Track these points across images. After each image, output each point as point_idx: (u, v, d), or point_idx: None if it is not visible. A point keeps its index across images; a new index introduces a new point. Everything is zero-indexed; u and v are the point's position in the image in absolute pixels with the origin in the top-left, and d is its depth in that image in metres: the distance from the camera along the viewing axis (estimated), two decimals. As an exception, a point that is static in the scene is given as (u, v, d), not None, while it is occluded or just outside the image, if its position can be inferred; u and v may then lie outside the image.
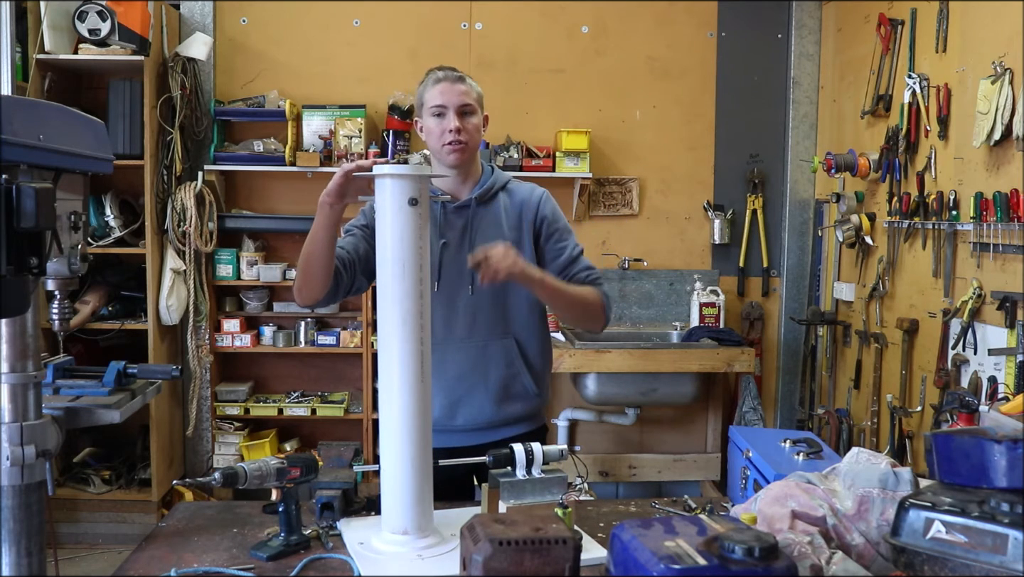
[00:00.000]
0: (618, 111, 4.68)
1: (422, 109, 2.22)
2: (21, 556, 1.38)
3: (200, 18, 4.45)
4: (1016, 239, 2.92)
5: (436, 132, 2.17)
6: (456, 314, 2.21)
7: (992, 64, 3.02)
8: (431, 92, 2.19)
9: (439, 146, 2.18)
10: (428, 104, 2.19)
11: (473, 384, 2.22)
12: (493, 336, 2.23)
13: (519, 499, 1.85)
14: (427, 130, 2.21)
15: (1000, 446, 1.44)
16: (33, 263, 1.23)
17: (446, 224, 2.21)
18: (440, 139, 2.17)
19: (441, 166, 2.23)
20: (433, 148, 2.21)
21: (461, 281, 2.20)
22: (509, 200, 2.27)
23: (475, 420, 2.24)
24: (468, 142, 2.18)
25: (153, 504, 4.13)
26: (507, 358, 2.24)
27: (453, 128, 2.14)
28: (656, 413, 4.41)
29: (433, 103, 2.18)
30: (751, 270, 4.80)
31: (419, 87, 2.25)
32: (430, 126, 2.20)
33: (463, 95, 2.18)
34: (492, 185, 2.25)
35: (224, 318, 4.42)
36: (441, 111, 2.17)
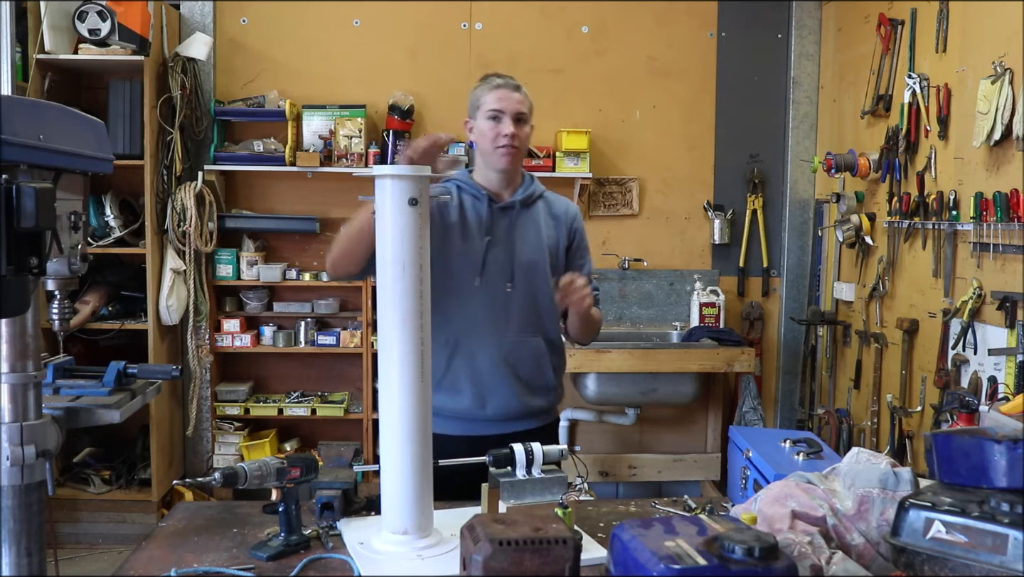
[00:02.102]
0: (618, 111, 4.68)
1: (476, 111, 2.32)
2: (21, 556, 1.38)
3: (200, 18, 4.45)
4: (1016, 239, 2.92)
5: (490, 135, 2.28)
6: (493, 309, 2.30)
7: (992, 64, 3.02)
8: (489, 96, 2.30)
9: (492, 148, 2.28)
10: (484, 107, 2.30)
11: (504, 376, 2.29)
12: (524, 332, 2.32)
13: (519, 499, 1.85)
14: (479, 132, 2.32)
15: (1000, 446, 1.44)
16: (33, 263, 1.23)
17: (491, 223, 2.31)
18: (494, 142, 2.27)
19: (487, 168, 2.33)
20: (484, 149, 2.32)
21: (500, 278, 2.30)
22: (547, 208, 2.40)
23: (503, 411, 2.31)
24: (519, 147, 2.29)
25: (153, 504, 4.13)
26: (535, 354, 2.34)
27: (509, 133, 2.25)
28: (656, 413, 4.41)
29: (490, 107, 2.28)
30: (751, 270, 4.80)
31: (474, 90, 2.35)
32: (483, 128, 2.30)
33: (519, 103, 2.29)
34: (534, 192, 2.38)
35: (224, 318, 4.43)
36: (497, 115, 2.28)
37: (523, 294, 2.31)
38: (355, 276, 2.30)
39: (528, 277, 2.31)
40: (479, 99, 2.32)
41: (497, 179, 2.34)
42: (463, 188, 2.35)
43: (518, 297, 2.30)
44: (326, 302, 4.47)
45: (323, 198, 4.52)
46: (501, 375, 2.29)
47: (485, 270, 2.28)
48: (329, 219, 4.54)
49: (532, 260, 2.32)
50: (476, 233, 2.29)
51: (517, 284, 2.28)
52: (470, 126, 2.36)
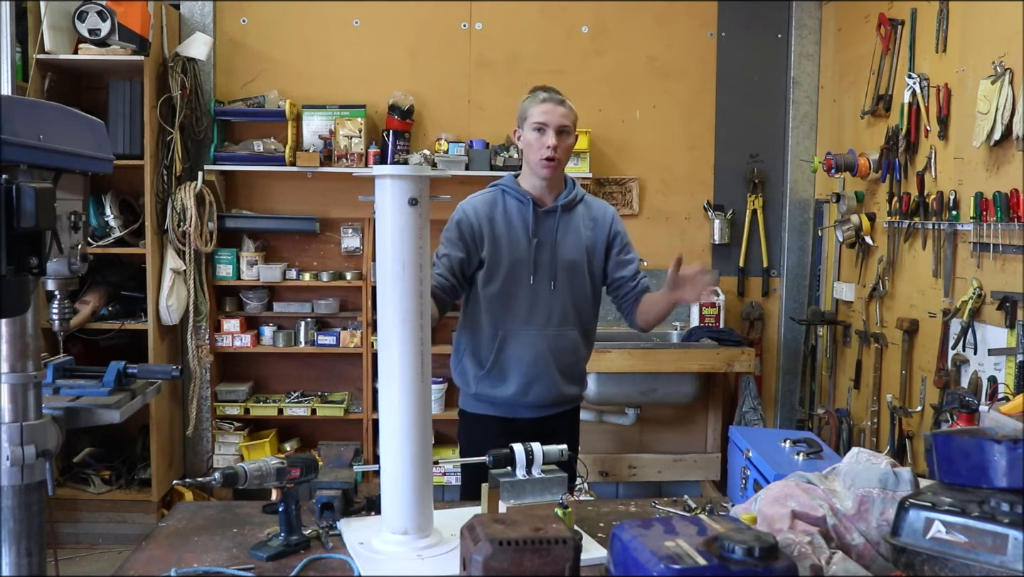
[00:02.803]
0: (618, 111, 4.68)
1: (523, 123, 2.46)
2: (21, 556, 1.38)
3: (200, 18, 4.45)
4: (1016, 239, 2.92)
5: (535, 146, 2.42)
6: (539, 305, 2.49)
7: (992, 64, 3.01)
8: (535, 109, 2.43)
9: (536, 159, 2.43)
10: (531, 119, 2.44)
11: (545, 367, 2.49)
12: (565, 326, 2.52)
13: (519, 499, 1.85)
14: (526, 142, 2.46)
15: (1000, 446, 1.44)
16: (33, 263, 1.23)
17: (536, 226, 2.47)
18: (538, 153, 2.42)
19: (532, 175, 2.48)
20: (529, 159, 2.46)
21: (546, 277, 2.48)
22: (587, 212, 2.56)
23: (544, 398, 2.52)
24: (561, 159, 2.43)
25: (153, 504, 4.13)
26: (573, 346, 2.55)
27: (551, 145, 2.39)
28: (656, 413, 4.41)
29: (535, 120, 2.42)
30: (751, 270, 4.80)
31: (523, 102, 2.49)
32: (529, 140, 2.44)
33: (563, 117, 2.42)
34: (575, 197, 2.53)
35: (224, 318, 4.42)
36: (542, 128, 2.42)
37: (564, 291, 2.50)
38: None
39: (569, 276, 2.50)
40: (526, 111, 2.45)
41: (541, 185, 2.48)
42: (508, 192, 2.49)
43: (560, 294, 2.49)
44: (326, 302, 4.47)
45: (323, 198, 4.52)
46: (543, 366, 2.49)
47: (535, 270, 2.46)
48: (329, 219, 4.54)
49: (572, 260, 2.50)
50: (523, 235, 2.46)
51: (559, 282, 2.48)
52: (518, 135, 2.50)
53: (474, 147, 4.41)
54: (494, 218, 2.46)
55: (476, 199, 2.50)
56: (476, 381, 2.52)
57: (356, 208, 4.43)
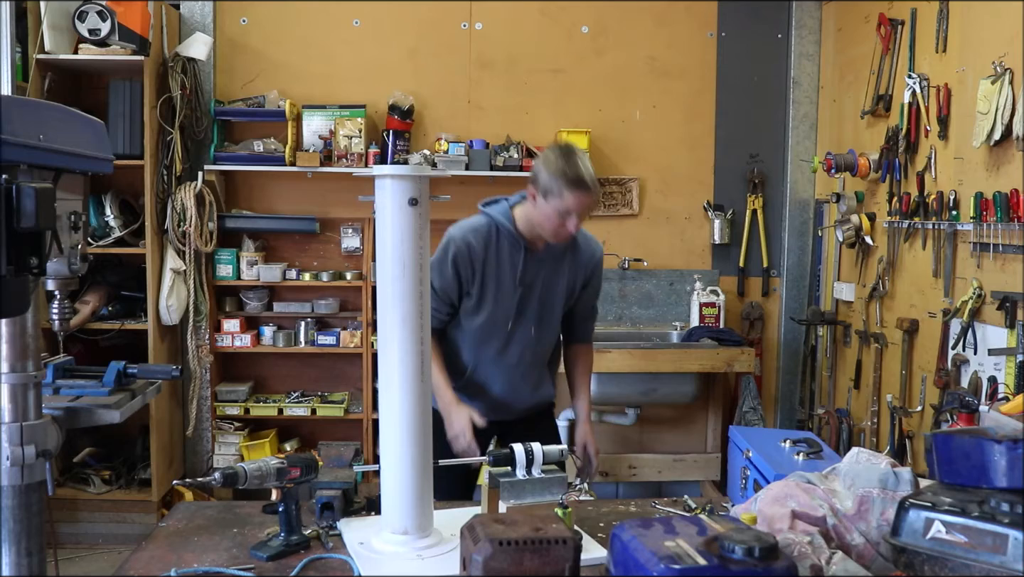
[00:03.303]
0: (618, 111, 4.68)
1: (548, 195, 2.28)
2: (21, 556, 1.38)
3: (200, 18, 4.45)
4: (1016, 239, 2.92)
5: (554, 222, 2.30)
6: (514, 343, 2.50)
7: (992, 64, 3.01)
8: (568, 197, 2.26)
9: (551, 230, 2.33)
10: (560, 202, 2.27)
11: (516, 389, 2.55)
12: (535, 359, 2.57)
13: (519, 499, 1.85)
14: (544, 212, 2.31)
15: (1000, 446, 1.44)
16: (33, 263, 1.23)
17: (525, 271, 2.43)
18: (555, 231, 2.33)
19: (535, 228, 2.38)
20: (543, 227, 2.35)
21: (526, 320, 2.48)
22: (574, 254, 2.51)
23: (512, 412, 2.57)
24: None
25: (153, 504, 4.13)
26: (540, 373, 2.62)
27: (572, 231, 2.32)
28: (656, 413, 4.41)
29: (566, 207, 2.27)
30: (751, 270, 4.80)
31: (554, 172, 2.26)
32: (550, 214, 2.30)
33: (592, 204, 2.33)
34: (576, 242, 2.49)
35: (224, 318, 4.42)
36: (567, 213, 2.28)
37: (541, 332, 2.52)
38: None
39: (548, 318, 2.52)
40: (558, 190, 2.26)
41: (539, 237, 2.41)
42: (501, 232, 2.41)
43: (537, 335, 2.52)
44: (326, 302, 4.47)
45: (323, 198, 4.52)
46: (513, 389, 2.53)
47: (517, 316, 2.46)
48: (329, 219, 4.54)
49: (552, 303, 2.51)
50: (510, 280, 2.42)
51: (538, 326, 2.50)
52: (534, 196, 2.32)
53: (474, 147, 4.41)
54: (487, 259, 2.40)
55: (470, 233, 2.40)
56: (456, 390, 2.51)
57: (356, 208, 4.43)
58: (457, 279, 2.40)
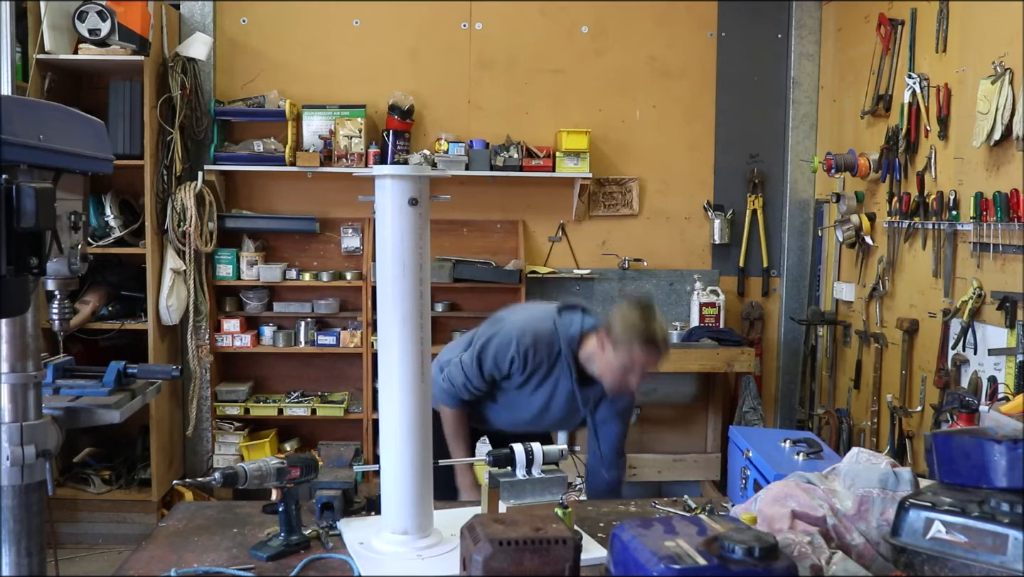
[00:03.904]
0: (618, 111, 4.67)
1: (619, 345, 2.23)
2: (21, 556, 1.38)
3: (200, 18, 4.45)
4: (1016, 239, 2.92)
5: (617, 375, 2.27)
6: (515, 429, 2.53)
7: (992, 64, 3.01)
8: (637, 351, 2.22)
9: (611, 382, 2.31)
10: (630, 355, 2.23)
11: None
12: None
13: (519, 499, 1.85)
14: (609, 362, 2.27)
15: (1000, 446, 1.44)
16: (33, 263, 1.23)
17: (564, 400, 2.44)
18: (616, 382, 2.30)
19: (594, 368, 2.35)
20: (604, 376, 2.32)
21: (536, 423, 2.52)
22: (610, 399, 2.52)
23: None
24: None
25: (153, 504, 4.13)
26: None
27: (635, 386, 2.30)
28: (656, 413, 4.40)
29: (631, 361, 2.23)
30: (751, 270, 4.80)
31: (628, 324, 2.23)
32: (615, 365, 2.26)
33: (656, 365, 2.28)
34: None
35: (224, 318, 4.42)
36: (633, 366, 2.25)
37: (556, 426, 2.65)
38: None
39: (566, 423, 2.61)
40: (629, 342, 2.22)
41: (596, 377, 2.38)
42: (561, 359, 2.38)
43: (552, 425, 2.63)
44: (326, 302, 4.47)
45: (323, 198, 4.52)
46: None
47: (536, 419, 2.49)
48: (329, 219, 4.54)
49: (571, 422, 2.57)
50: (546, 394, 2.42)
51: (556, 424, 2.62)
52: (603, 341, 2.28)
53: (474, 147, 4.41)
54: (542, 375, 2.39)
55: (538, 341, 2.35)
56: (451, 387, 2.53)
57: (356, 208, 4.43)
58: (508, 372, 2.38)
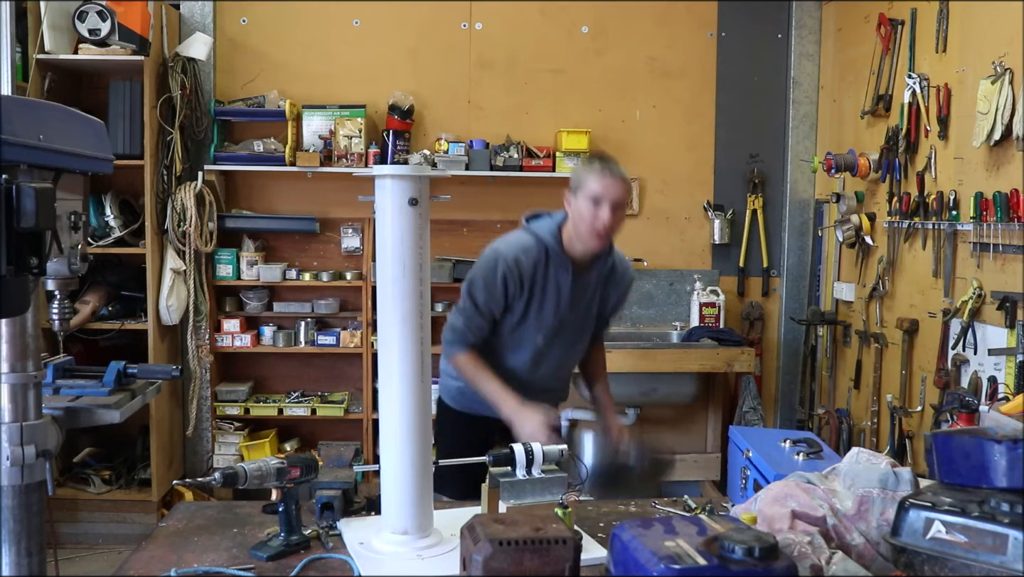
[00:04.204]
0: (618, 111, 4.68)
1: (578, 191, 2.36)
2: (21, 556, 1.38)
3: (200, 18, 4.45)
4: (1016, 239, 2.92)
5: (587, 219, 2.34)
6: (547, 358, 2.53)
7: (992, 64, 3.01)
8: (593, 181, 2.33)
9: (587, 230, 2.35)
10: (587, 189, 2.34)
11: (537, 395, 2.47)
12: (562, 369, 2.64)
13: (519, 499, 1.85)
14: (578, 212, 2.36)
15: (1000, 446, 1.44)
16: (33, 263, 1.23)
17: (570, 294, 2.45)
18: (591, 224, 2.34)
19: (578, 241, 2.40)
20: (580, 230, 2.38)
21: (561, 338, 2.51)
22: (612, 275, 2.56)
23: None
24: (612, 234, 2.38)
25: (153, 504, 4.13)
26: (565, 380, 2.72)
27: (606, 223, 2.33)
28: (656, 413, 4.40)
29: (592, 191, 2.33)
30: (751, 270, 4.80)
31: (578, 170, 2.43)
32: (582, 210, 2.35)
33: (622, 192, 2.35)
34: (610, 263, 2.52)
35: (224, 318, 4.42)
36: (598, 201, 2.33)
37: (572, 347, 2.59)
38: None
39: (580, 333, 2.58)
40: (582, 180, 2.36)
41: (584, 252, 2.43)
42: (551, 254, 2.41)
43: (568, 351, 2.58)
44: (326, 302, 4.47)
45: (323, 198, 4.52)
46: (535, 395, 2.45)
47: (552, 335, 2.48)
48: (329, 219, 4.54)
49: (586, 325, 2.57)
50: (553, 302, 2.44)
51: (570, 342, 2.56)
52: (569, 201, 2.40)
53: (474, 147, 4.41)
54: (535, 280, 2.41)
55: (520, 253, 2.39)
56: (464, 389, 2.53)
57: (356, 208, 4.43)
58: (505, 296, 2.40)
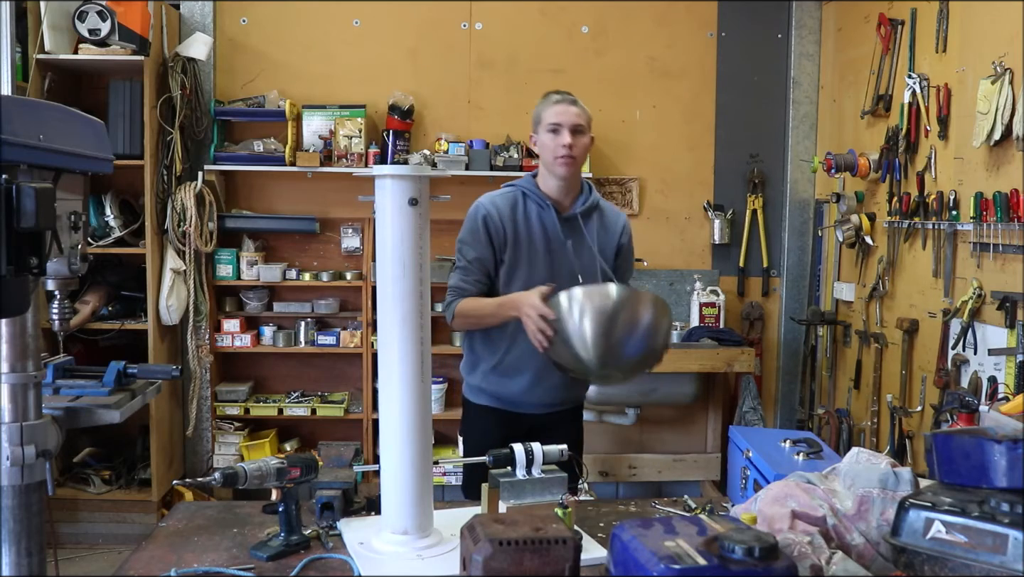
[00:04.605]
0: (618, 111, 4.68)
1: (538, 126, 2.47)
2: (21, 556, 1.38)
3: (200, 18, 4.45)
4: (1016, 239, 2.92)
5: (550, 146, 2.43)
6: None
7: (992, 64, 3.01)
8: (549, 111, 2.44)
9: (551, 159, 2.43)
10: (545, 121, 2.45)
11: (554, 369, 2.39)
12: None
13: (519, 499, 1.85)
14: (542, 144, 2.46)
15: (1000, 446, 1.44)
16: (33, 263, 1.23)
17: (557, 233, 2.46)
18: (553, 152, 2.42)
19: (550, 176, 2.47)
20: (546, 160, 2.47)
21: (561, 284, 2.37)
22: (601, 219, 2.56)
23: (548, 397, 2.53)
24: (577, 156, 2.43)
25: (153, 504, 4.13)
26: None
27: (566, 144, 2.40)
28: (656, 413, 4.41)
29: (550, 121, 2.43)
30: (751, 270, 4.80)
31: (537, 107, 2.50)
32: (545, 141, 2.45)
33: (577, 116, 2.43)
34: (593, 203, 2.54)
35: (224, 318, 4.42)
36: (556, 128, 2.42)
37: None
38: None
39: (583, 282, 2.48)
40: (540, 114, 2.46)
41: (559, 187, 2.48)
42: (528, 196, 2.48)
43: None
44: (326, 302, 4.47)
45: (323, 198, 4.52)
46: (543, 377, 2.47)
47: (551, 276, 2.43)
48: (329, 219, 4.54)
49: (587, 268, 2.50)
50: (542, 242, 2.45)
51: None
52: (534, 140, 2.50)
53: (474, 147, 4.41)
54: (516, 221, 2.45)
55: (497, 198, 2.47)
56: (484, 375, 2.52)
57: (356, 208, 4.43)
58: (490, 243, 2.42)
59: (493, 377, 2.51)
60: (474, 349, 2.55)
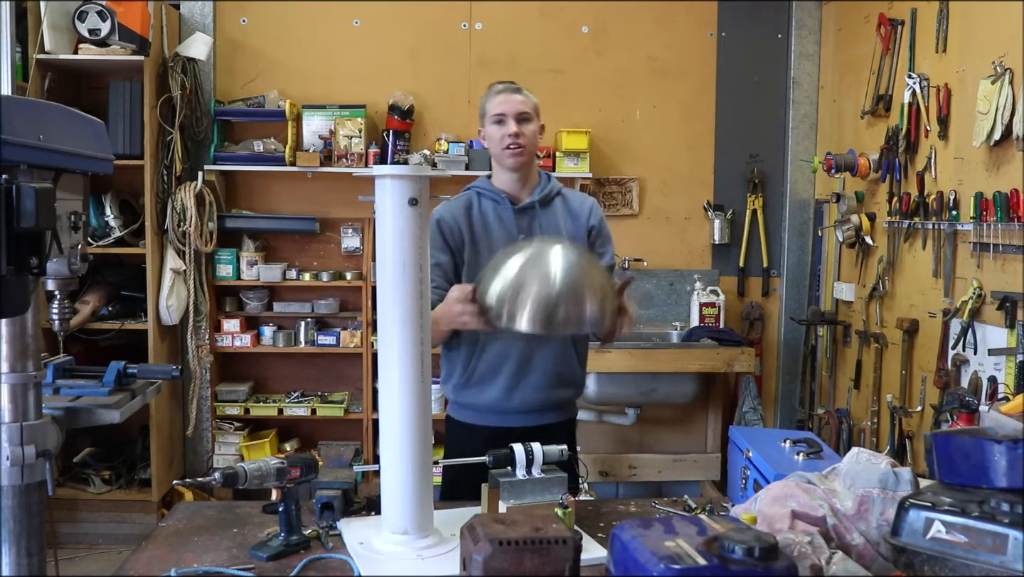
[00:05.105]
0: (618, 111, 4.68)
1: (484, 119, 2.40)
2: (21, 556, 1.38)
3: (200, 18, 4.45)
4: (1016, 239, 2.92)
5: (497, 137, 2.36)
6: None
7: (992, 64, 3.02)
8: (492, 102, 2.38)
9: (500, 150, 2.36)
10: (490, 113, 2.38)
11: (530, 369, 2.36)
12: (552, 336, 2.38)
13: (519, 499, 1.85)
14: (489, 137, 2.39)
15: (1000, 446, 1.44)
16: (33, 263, 1.23)
17: (514, 225, 2.38)
18: (500, 143, 2.35)
19: (502, 171, 2.41)
20: (495, 153, 2.40)
21: None
22: (565, 206, 2.45)
23: (530, 403, 2.38)
24: (526, 146, 2.35)
25: (153, 504, 4.13)
26: (563, 347, 2.40)
27: (512, 133, 2.33)
28: (656, 413, 4.40)
29: (494, 112, 2.36)
30: (751, 270, 4.80)
31: (481, 100, 2.43)
32: (491, 133, 2.38)
33: (521, 104, 2.36)
34: (551, 191, 2.43)
35: (224, 318, 4.43)
36: (501, 119, 2.35)
37: None
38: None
39: None
40: (484, 107, 2.41)
41: (512, 180, 2.40)
42: (483, 194, 2.42)
43: None
44: (326, 302, 4.47)
45: (323, 198, 4.52)
46: (528, 371, 2.37)
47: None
48: (329, 219, 4.54)
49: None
50: (500, 237, 2.36)
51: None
52: (483, 134, 2.44)
53: (474, 147, 4.41)
54: (471, 221, 2.36)
55: (451, 202, 2.40)
56: (456, 389, 2.41)
57: (356, 208, 4.43)
58: (447, 247, 2.33)
59: (467, 391, 2.38)
60: (450, 360, 2.43)
